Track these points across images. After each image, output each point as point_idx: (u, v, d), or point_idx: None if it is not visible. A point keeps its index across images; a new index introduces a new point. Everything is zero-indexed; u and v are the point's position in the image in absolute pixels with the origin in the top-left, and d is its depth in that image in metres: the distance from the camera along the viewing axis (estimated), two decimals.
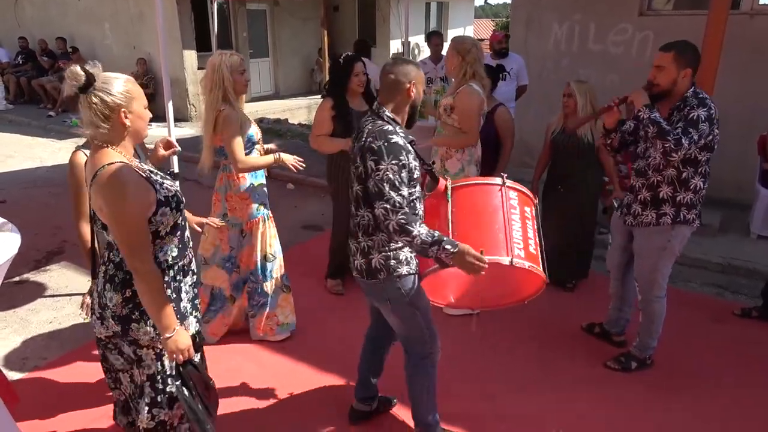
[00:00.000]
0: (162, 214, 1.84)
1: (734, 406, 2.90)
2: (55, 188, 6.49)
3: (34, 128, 10.10)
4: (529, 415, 2.80)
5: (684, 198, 2.82)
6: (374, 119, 2.23)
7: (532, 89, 5.82)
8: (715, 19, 4.06)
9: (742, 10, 5.47)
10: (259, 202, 3.22)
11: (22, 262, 4.41)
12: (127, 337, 1.92)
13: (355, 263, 2.33)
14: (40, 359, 3.29)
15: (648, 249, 2.97)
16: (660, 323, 3.08)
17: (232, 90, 2.97)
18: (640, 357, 3.15)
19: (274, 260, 3.31)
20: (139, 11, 10.53)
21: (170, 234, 1.91)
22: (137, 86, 1.87)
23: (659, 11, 6.03)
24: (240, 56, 3.04)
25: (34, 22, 12.57)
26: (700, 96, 2.72)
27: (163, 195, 1.84)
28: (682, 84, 2.73)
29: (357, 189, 2.24)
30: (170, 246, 1.93)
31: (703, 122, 2.64)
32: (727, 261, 4.47)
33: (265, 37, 13.13)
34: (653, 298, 3.03)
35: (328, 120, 3.63)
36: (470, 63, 3.40)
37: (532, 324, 3.59)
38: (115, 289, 1.88)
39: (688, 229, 2.90)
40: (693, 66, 2.73)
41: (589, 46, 6.29)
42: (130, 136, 1.86)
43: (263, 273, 3.28)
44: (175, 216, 1.90)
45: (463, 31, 17.05)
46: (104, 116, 1.78)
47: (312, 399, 2.94)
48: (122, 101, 1.79)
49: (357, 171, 2.22)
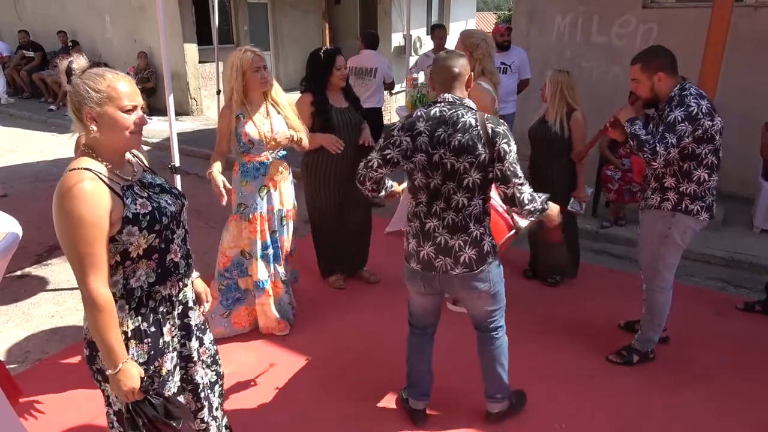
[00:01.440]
0: (129, 234, 1.62)
1: (736, 400, 2.89)
2: (56, 182, 6.46)
3: (35, 122, 10.09)
4: (529, 409, 2.80)
5: (687, 188, 2.82)
6: (458, 108, 2.25)
7: (534, 82, 5.79)
8: (720, 12, 4.02)
9: (746, 2, 5.43)
10: (241, 201, 3.18)
11: (24, 257, 4.42)
12: (93, 365, 1.74)
13: (460, 258, 2.30)
14: (42, 353, 3.30)
15: (649, 234, 2.99)
16: (663, 317, 3.06)
17: (239, 91, 2.99)
18: (641, 350, 3.14)
19: (250, 259, 3.26)
20: (140, 4, 10.49)
21: (144, 257, 1.68)
22: (126, 86, 1.63)
23: (663, 3, 5.98)
24: (255, 52, 3.00)
25: (36, 15, 12.53)
26: (683, 94, 2.71)
27: (132, 212, 1.62)
28: (660, 87, 2.77)
29: (475, 178, 2.22)
30: (144, 270, 1.70)
31: (680, 122, 2.64)
32: (730, 255, 4.46)
33: (266, 30, 13.07)
34: (656, 287, 3.01)
35: (307, 116, 3.52)
36: (478, 59, 3.30)
37: (534, 319, 3.58)
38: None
39: (692, 221, 2.87)
40: (664, 68, 2.75)
41: (593, 39, 6.26)
42: (105, 143, 1.63)
43: (239, 268, 3.29)
44: (148, 238, 1.65)
45: (465, 24, 16.94)
46: (75, 113, 1.63)
47: (321, 392, 2.95)
48: (88, 98, 1.58)
49: (476, 159, 2.19)
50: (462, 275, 2.33)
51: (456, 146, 2.20)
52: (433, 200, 2.29)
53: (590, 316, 3.67)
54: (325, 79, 3.55)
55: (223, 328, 3.35)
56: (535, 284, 4.05)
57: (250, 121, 3.06)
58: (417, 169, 2.28)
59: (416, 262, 2.38)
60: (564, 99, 3.68)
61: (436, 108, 2.27)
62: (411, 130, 2.27)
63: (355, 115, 3.69)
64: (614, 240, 4.86)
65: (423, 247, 2.34)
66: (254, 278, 3.27)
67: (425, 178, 2.28)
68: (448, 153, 2.22)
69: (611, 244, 4.83)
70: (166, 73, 3.48)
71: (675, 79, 2.77)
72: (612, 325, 3.54)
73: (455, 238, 2.29)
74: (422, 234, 2.33)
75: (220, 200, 2.97)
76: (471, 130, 2.19)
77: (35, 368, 3.14)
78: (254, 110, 3.08)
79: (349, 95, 3.72)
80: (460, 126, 2.20)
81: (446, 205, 2.28)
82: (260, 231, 3.21)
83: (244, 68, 2.96)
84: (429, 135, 2.23)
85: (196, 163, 7.50)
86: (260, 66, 3.00)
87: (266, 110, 3.12)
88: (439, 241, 2.31)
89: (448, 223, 2.29)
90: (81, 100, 1.60)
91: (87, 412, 2.74)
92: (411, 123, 2.29)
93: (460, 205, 2.27)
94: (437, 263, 2.33)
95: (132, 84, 1.67)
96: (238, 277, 3.32)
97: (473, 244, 2.30)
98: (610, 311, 3.70)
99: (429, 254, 2.33)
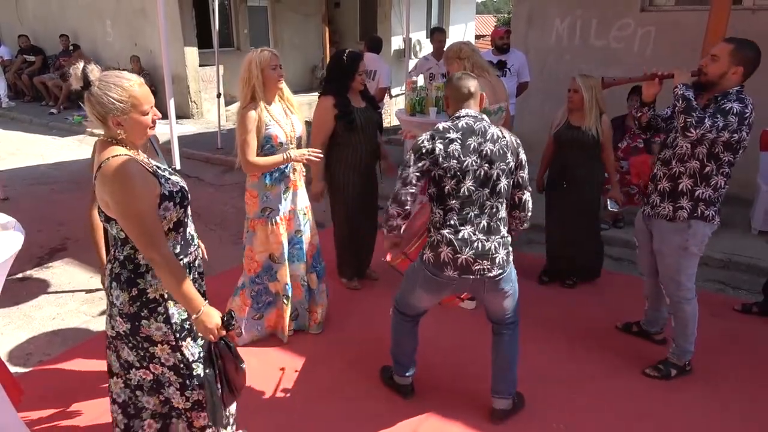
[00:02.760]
0: (165, 209, 1.85)
1: (736, 402, 2.90)
2: (57, 185, 6.52)
3: (36, 125, 10.12)
4: (528, 409, 2.81)
5: (703, 193, 2.77)
6: (481, 121, 2.44)
7: (533, 84, 5.82)
8: (717, 15, 4.04)
9: (744, 5, 5.46)
10: (266, 205, 3.14)
11: (25, 259, 4.44)
12: (138, 335, 1.93)
13: (496, 260, 2.42)
14: (43, 355, 3.31)
15: (667, 249, 2.92)
16: (694, 325, 3.00)
17: (261, 88, 2.95)
18: (679, 364, 3.07)
19: (279, 264, 3.25)
20: (141, 7, 10.52)
21: (173, 230, 1.92)
22: (142, 91, 1.81)
23: (661, 6, 6.01)
24: (272, 51, 2.98)
25: (36, 18, 12.58)
26: (741, 95, 2.66)
27: (167, 189, 1.85)
28: (730, 79, 2.67)
29: (504, 184, 2.41)
30: (172, 242, 1.93)
31: (733, 115, 2.58)
32: (728, 257, 4.47)
33: (267, 33, 13.12)
34: (681, 300, 2.96)
35: (330, 119, 3.55)
36: (467, 57, 3.48)
37: (536, 321, 3.59)
38: (121, 288, 1.89)
39: (707, 227, 2.83)
40: (746, 66, 2.65)
41: (591, 42, 6.29)
42: (128, 139, 1.84)
43: (268, 273, 3.28)
44: (179, 212, 1.91)
45: (465, 27, 16.98)
46: (99, 119, 1.80)
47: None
48: (114, 109, 1.76)
49: (507, 167, 2.40)
50: (497, 278, 2.44)
51: (488, 155, 2.37)
52: (465, 206, 2.39)
53: (589, 318, 3.69)
54: (347, 83, 3.58)
55: (255, 332, 3.36)
56: (531, 286, 4.06)
57: (275, 123, 3.02)
58: (447, 175, 2.37)
59: (453, 269, 2.41)
60: (598, 104, 3.76)
61: (462, 120, 2.43)
62: (443, 138, 2.38)
63: (374, 114, 3.78)
64: (612, 242, 4.88)
65: (461, 254, 2.38)
66: (283, 282, 3.27)
67: (456, 184, 2.37)
68: (480, 161, 2.36)
69: (610, 246, 4.84)
70: (167, 77, 3.50)
71: (742, 81, 2.71)
72: (610, 326, 3.55)
73: (491, 240, 2.41)
74: (458, 241, 2.39)
75: (315, 161, 3.04)
76: (500, 141, 2.40)
77: (37, 370, 3.16)
78: (273, 111, 3.04)
79: (365, 95, 3.76)
80: (489, 137, 2.39)
81: (480, 211, 2.40)
82: (285, 233, 3.21)
83: (262, 66, 2.93)
84: (461, 143, 2.37)
85: (197, 166, 7.53)
86: (276, 64, 2.99)
87: (284, 111, 3.11)
88: (477, 246, 2.39)
89: (483, 227, 2.40)
90: (106, 111, 1.77)
91: (89, 413, 2.76)
92: (441, 132, 2.41)
93: (495, 210, 2.42)
94: (475, 267, 2.40)
95: (144, 86, 1.85)
96: (268, 282, 3.31)
97: (505, 246, 2.46)
98: (608, 312, 3.72)
99: (468, 260, 2.39)
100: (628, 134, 4.83)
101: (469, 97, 2.48)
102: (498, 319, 2.68)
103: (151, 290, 1.91)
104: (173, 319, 1.96)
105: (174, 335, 1.96)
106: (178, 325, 1.97)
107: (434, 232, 2.45)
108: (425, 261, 2.48)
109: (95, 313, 3.80)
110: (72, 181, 6.68)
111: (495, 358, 2.72)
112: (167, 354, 1.98)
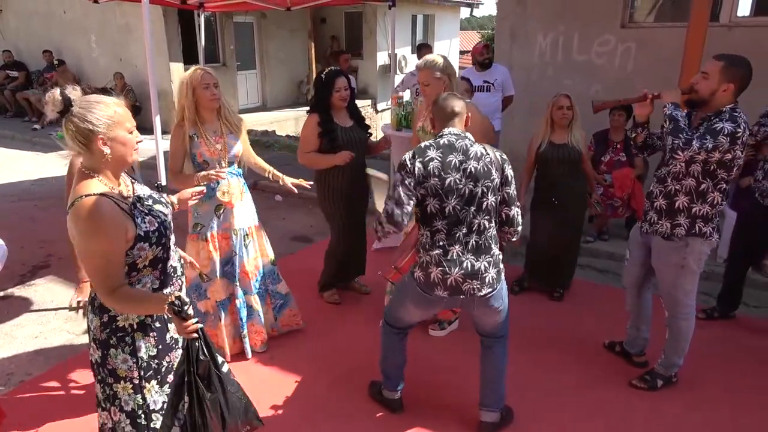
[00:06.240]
0: (140, 249, 1.79)
1: (720, 406, 2.93)
2: (40, 202, 6.44)
3: (18, 141, 10.02)
4: (516, 423, 2.81)
5: (701, 210, 2.75)
6: (464, 139, 2.45)
7: (517, 99, 5.88)
8: (695, 32, 4.14)
9: (721, 22, 5.59)
10: (197, 221, 3.16)
11: (7, 277, 4.37)
12: (105, 367, 1.87)
13: (486, 279, 2.41)
14: (25, 374, 3.25)
15: (665, 266, 2.92)
16: (687, 341, 3.01)
17: (191, 106, 3.00)
18: (665, 375, 3.08)
19: (209, 281, 3.22)
20: (125, 22, 10.51)
21: (149, 266, 1.86)
22: (123, 111, 1.79)
23: (640, 23, 6.14)
24: (206, 70, 3.01)
25: (19, 34, 12.50)
26: (734, 114, 2.63)
27: (143, 230, 1.79)
28: (721, 97, 2.65)
29: (491, 200, 2.40)
30: (149, 278, 1.87)
31: (724, 135, 2.56)
32: (710, 268, 4.50)
33: (252, 49, 13.16)
34: (679, 315, 2.96)
35: (314, 137, 3.59)
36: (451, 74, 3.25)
37: (524, 333, 3.61)
38: (94, 312, 1.86)
39: (705, 245, 2.81)
40: (738, 83, 2.63)
41: (574, 57, 6.39)
42: (113, 162, 1.78)
43: (197, 291, 3.24)
44: (155, 251, 1.84)
45: (450, 43, 17.19)
46: (81, 142, 1.73)
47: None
48: (100, 128, 1.72)
49: (492, 184, 2.39)
50: (487, 296, 2.44)
51: (473, 173, 2.36)
52: (452, 226, 2.39)
53: (573, 330, 3.71)
54: (327, 101, 3.60)
55: None
56: (516, 298, 4.08)
57: (203, 140, 3.05)
58: (429, 194, 2.38)
59: (443, 289, 2.42)
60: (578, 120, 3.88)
61: (444, 138, 2.44)
62: (422, 156, 2.39)
63: (360, 133, 3.76)
64: (597, 254, 4.93)
65: (450, 274, 2.39)
66: (213, 300, 3.23)
67: (439, 203, 2.37)
68: (463, 179, 2.35)
69: (595, 259, 4.89)
70: (152, 92, 3.49)
71: (735, 98, 2.68)
72: (597, 338, 3.57)
73: (480, 260, 2.40)
74: (447, 261, 2.39)
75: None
76: (484, 158, 2.39)
77: (18, 390, 3.10)
78: (207, 130, 3.07)
79: (353, 114, 3.77)
80: (472, 154, 2.38)
81: (468, 230, 2.39)
82: (219, 249, 3.19)
83: (193, 85, 2.97)
84: (441, 160, 2.37)
85: None
86: (210, 83, 3.00)
87: (220, 129, 3.11)
88: (466, 266, 2.39)
89: (472, 246, 2.40)
90: (92, 128, 1.71)
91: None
92: (421, 150, 2.42)
93: (482, 228, 2.41)
94: (465, 287, 2.40)
95: (124, 106, 1.81)
96: (197, 300, 3.25)
97: (495, 265, 2.45)
98: (593, 324, 3.75)
99: (457, 280, 2.39)
100: (611, 148, 4.90)
101: (453, 117, 2.50)
102: (487, 333, 2.68)
103: (121, 318, 1.85)
104: (140, 353, 1.87)
105: (138, 371, 1.87)
106: (144, 362, 1.88)
107: (423, 254, 2.46)
108: (416, 279, 2.49)
109: (78, 331, 3.74)
110: (55, 197, 6.57)
111: (483, 371, 2.72)
112: (127, 395, 1.89)
